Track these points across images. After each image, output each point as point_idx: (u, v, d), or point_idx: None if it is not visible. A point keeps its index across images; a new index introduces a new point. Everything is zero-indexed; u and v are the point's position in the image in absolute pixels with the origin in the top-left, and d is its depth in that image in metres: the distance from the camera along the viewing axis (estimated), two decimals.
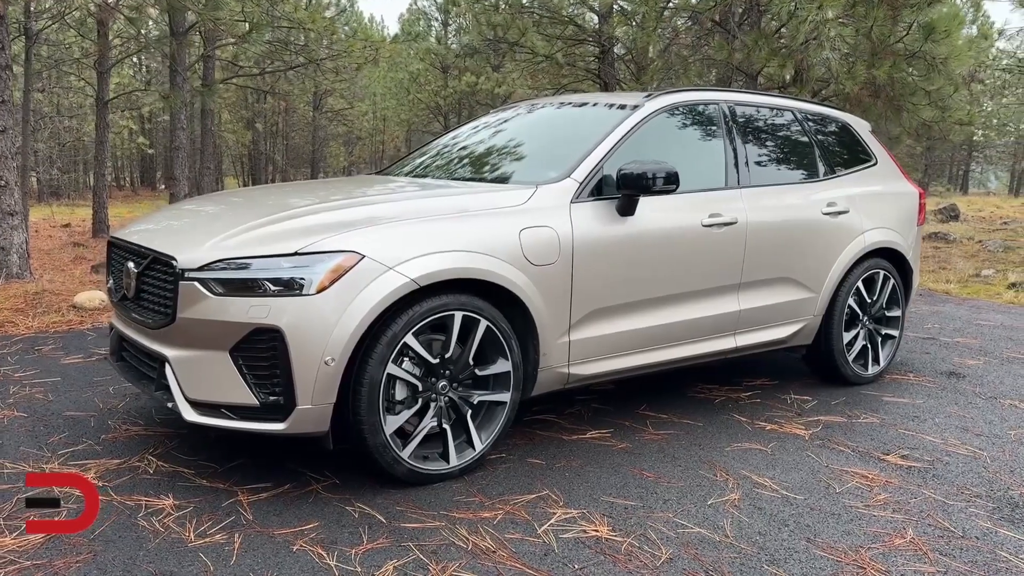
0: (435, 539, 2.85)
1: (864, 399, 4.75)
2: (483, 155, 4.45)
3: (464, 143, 4.71)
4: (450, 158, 4.57)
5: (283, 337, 2.97)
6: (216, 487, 3.24)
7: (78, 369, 4.95)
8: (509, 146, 4.47)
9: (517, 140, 4.51)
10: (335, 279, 3.02)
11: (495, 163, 4.29)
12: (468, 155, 4.53)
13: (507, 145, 4.48)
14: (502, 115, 4.90)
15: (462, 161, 4.46)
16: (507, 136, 4.57)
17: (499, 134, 4.63)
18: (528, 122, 4.67)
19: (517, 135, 4.56)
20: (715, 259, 4.18)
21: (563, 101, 4.77)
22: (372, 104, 41.13)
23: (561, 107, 4.68)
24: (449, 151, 4.69)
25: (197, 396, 3.11)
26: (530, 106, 4.88)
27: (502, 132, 4.64)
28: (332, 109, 38.39)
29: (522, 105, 4.98)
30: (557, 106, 4.71)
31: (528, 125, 4.64)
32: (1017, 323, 7.40)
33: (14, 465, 3.43)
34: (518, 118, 4.75)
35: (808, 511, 3.18)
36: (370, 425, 3.11)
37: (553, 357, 3.64)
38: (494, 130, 4.70)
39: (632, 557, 2.76)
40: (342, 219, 3.24)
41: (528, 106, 4.90)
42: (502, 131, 4.65)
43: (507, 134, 4.59)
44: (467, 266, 3.28)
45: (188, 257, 3.09)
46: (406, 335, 3.15)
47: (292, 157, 37.68)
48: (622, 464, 3.59)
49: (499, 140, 4.56)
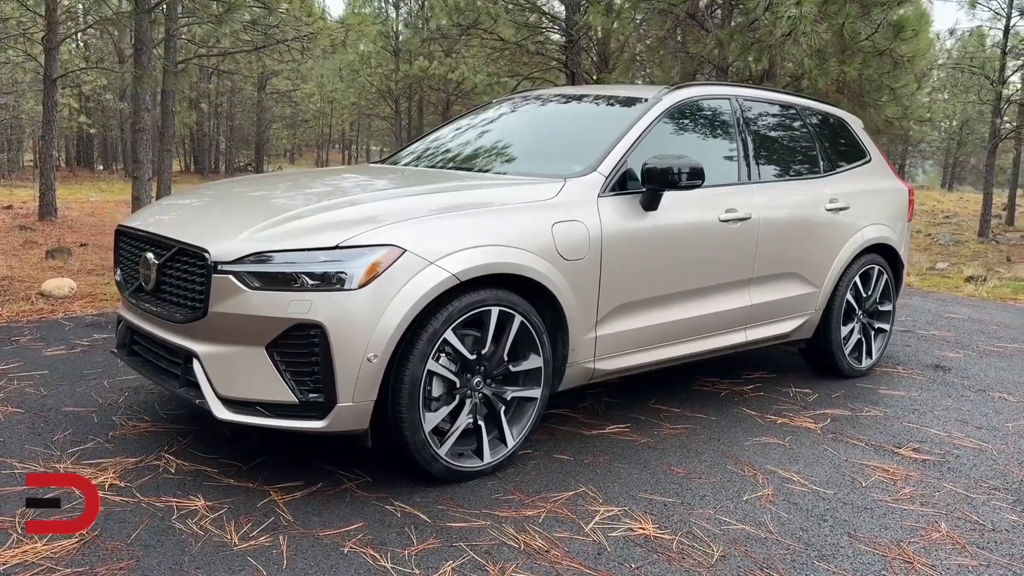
0: (485, 539, 2.81)
1: (862, 392, 4.84)
2: (502, 147, 4.38)
3: (478, 134, 4.63)
4: (467, 149, 4.49)
5: (325, 333, 2.88)
6: (245, 486, 3.14)
7: (64, 361, 4.75)
8: (527, 138, 4.41)
9: (534, 132, 4.46)
10: (377, 274, 2.94)
11: (516, 155, 4.23)
12: (486, 146, 4.45)
13: (525, 137, 4.43)
14: (512, 105, 4.83)
15: (481, 152, 4.38)
16: (522, 127, 4.52)
17: (513, 125, 4.58)
18: (542, 113, 4.61)
19: (533, 126, 4.51)
20: (731, 254, 4.20)
21: (575, 93, 4.73)
22: (319, 86, 40.41)
23: (574, 99, 4.63)
24: (463, 141, 4.60)
25: (230, 393, 3.00)
26: (541, 96, 4.82)
27: (516, 123, 4.58)
28: (277, 90, 37.62)
29: (532, 95, 4.92)
30: (569, 97, 4.66)
31: (543, 116, 4.59)
32: (983, 316, 7.64)
33: (24, 465, 3.26)
34: (530, 109, 4.69)
35: (841, 506, 3.22)
36: (410, 422, 3.04)
37: (580, 352, 3.62)
38: (507, 121, 4.64)
39: (685, 555, 2.76)
40: (380, 211, 3.16)
41: (538, 97, 4.84)
42: (516, 122, 4.60)
43: (522, 125, 4.54)
44: (506, 261, 3.23)
45: (222, 249, 2.97)
46: (446, 331, 3.08)
47: (236, 139, 36.81)
48: (649, 460, 3.59)
49: (515, 131, 4.51)
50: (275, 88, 37.29)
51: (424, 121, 36.93)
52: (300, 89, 39.21)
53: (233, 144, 34.77)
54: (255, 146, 37.42)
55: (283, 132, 43.17)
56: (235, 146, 35.69)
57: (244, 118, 36.92)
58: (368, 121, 44.91)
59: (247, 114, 36.87)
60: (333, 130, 48.66)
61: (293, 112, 39.79)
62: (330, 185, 3.89)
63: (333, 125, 46.03)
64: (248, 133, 37.62)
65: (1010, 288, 9.57)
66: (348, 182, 3.97)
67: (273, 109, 38.46)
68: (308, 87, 40.17)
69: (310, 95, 41.14)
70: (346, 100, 40.05)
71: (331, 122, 44.96)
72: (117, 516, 2.86)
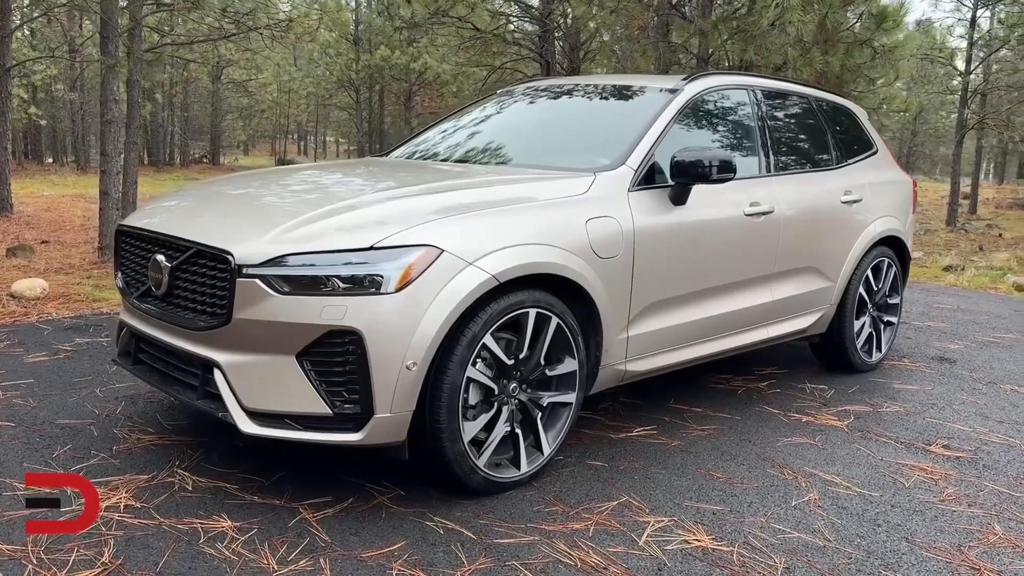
0: (537, 556, 2.65)
1: (877, 387, 4.78)
2: (521, 139, 4.20)
3: (492, 126, 4.45)
4: (483, 141, 4.30)
5: (362, 340, 2.69)
6: (271, 503, 2.94)
7: (48, 369, 4.47)
8: (545, 130, 4.25)
9: (552, 123, 4.29)
10: (415, 276, 2.75)
11: (537, 148, 4.05)
12: (503, 139, 4.26)
13: (543, 128, 4.26)
14: (522, 96, 4.64)
15: (499, 145, 4.20)
16: (538, 119, 4.35)
17: (528, 116, 4.41)
18: (557, 104, 4.44)
19: (549, 118, 4.34)
20: (755, 249, 4.09)
21: (588, 82, 4.56)
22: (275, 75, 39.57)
23: (587, 88, 4.47)
24: (476, 133, 4.41)
25: (257, 406, 2.79)
26: (551, 86, 4.64)
27: (530, 114, 4.41)
28: (233, 80, 36.78)
29: (541, 85, 4.74)
30: (582, 87, 4.49)
31: (558, 107, 4.41)
32: (971, 306, 7.68)
33: (26, 487, 3.02)
34: (543, 99, 4.51)
35: (890, 509, 3.13)
36: (450, 433, 2.87)
37: (612, 354, 3.47)
38: (520, 112, 4.47)
39: (749, 569, 2.64)
40: (412, 209, 2.97)
41: (548, 87, 4.66)
42: (530, 113, 4.43)
43: (537, 116, 4.37)
44: (545, 260, 3.06)
45: (247, 251, 2.76)
46: (485, 335, 2.91)
47: (191, 130, 35.92)
48: (686, 464, 3.47)
49: (530, 123, 4.34)
50: (230, 78, 36.45)
51: (384, 112, 36.46)
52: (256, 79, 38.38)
53: (189, 135, 33.88)
54: (211, 137, 36.57)
55: (237, 123, 42.20)
56: (191, 137, 34.79)
57: (199, 109, 36.02)
58: (327, 111, 44.18)
59: (202, 105, 35.98)
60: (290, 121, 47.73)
61: (250, 103, 38.94)
62: (347, 181, 3.69)
63: (290, 116, 45.15)
64: (203, 124, 36.72)
65: (988, 277, 9.67)
66: (364, 178, 3.76)
67: (230, 99, 37.61)
68: (264, 76, 39.33)
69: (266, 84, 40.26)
70: (304, 90, 39.32)
71: (288, 112, 44.08)
72: (139, 541, 2.64)
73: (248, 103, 38.82)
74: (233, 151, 48.08)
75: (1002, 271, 10.12)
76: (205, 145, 38.66)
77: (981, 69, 19.13)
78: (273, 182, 3.65)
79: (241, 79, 36.27)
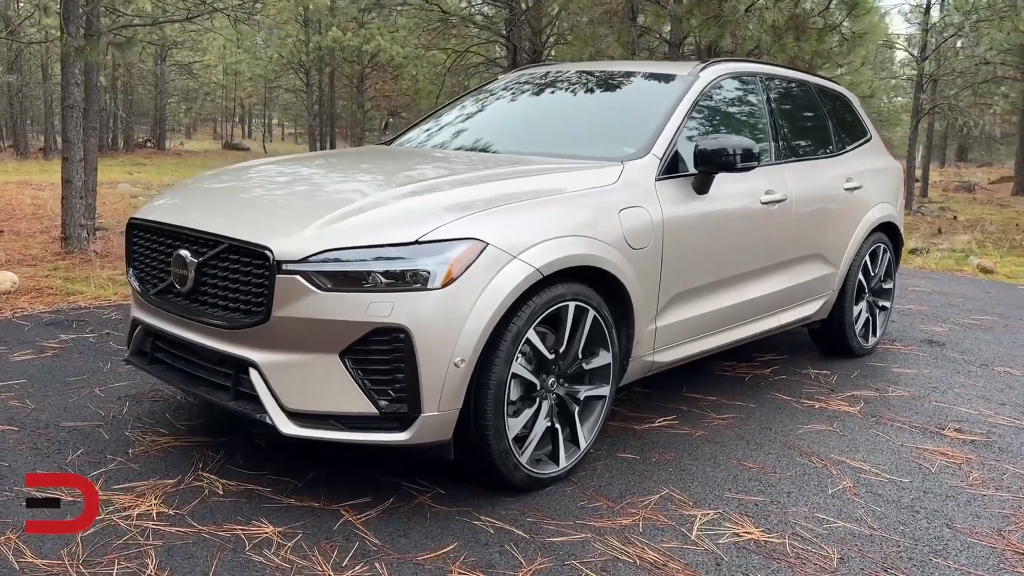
0: (594, 554, 2.61)
1: (876, 371, 4.85)
2: (538, 126, 4.13)
3: (505, 113, 4.36)
4: (499, 129, 4.21)
5: (409, 337, 2.61)
6: (310, 506, 2.85)
7: (39, 368, 4.27)
8: (563, 116, 4.17)
9: (569, 109, 4.22)
10: (461, 270, 2.68)
11: (557, 136, 3.98)
12: (520, 127, 4.18)
13: (560, 115, 4.19)
14: (531, 82, 4.55)
15: (517, 133, 4.11)
16: (554, 105, 4.27)
17: (543, 102, 4.33)
18: (569, 91, 4.35)
19: (566, 104, 4.26)
20: (770, 237, 4.10)
21: (596, 69, 4.50)
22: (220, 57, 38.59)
23: (597, 75, 4.40)
24: (490, 121, 4.32)
25: (299, 406, 2.69)
26: (560, 72, 4.56)
27: (545, 100, 4.33)
28: (177, 62, 35.77)
29: (549, 71, 4.65)
30: (592, 74, 4.42)
31: (571, 94, 4.33)
32: (944, 288, 7.86)
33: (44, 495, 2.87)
34: (554, 86, 4.43)
35: (923, 495, 3.17)
36: (495, 430, 2.81)
37: (642, 346, 3.44)
38: (534, 98, 4.39)
39: (805, 561, 2.64)
40: (452, 201, 2.88)
41: (557, 72, 4.57)
42: (545, 99, 4.35)
43: (554, 103, 4.29)
44: (585, 252, 3.01)
45: (286, 246, 2.65)
46: (528, 330, 2.85)
47: (134, 114, 34.86)
48: (716, 455, 3.46)
49: (547, 109, 4.26)
50: (174, 59, 35.43)
51: (335, 95, 35.86)
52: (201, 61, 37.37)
53: (132, 119, 32.87)
54: (156, 121, 35.56)
55: (181, 106, 41.11)
56: (135, 121, 33.77)
57: (143, 92, 34.97)
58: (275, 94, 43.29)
59: (147, 87, 34.94)
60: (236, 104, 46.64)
61: (196, 86, 37.92)
62: (373, 171, 3.57)
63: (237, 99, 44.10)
64: (147, 108, 35.67)
65: (953, 259, 9.92)
66: (391, 168, 3.64)
67: (175, 82, 36.58)
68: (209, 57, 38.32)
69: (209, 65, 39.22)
70: (251, 71, 38.45)
71: (235, 95, 43.06)
72: (181, 550, 2.53)
73: (195, 86, 37.78)
74: (176, 135, 46.83)
75: (964, 253, 10.39)
76: (148, 129, 37.59)
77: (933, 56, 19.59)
78: (293, 172, 3.52)
79: (186, 61, 35.30)
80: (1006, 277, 9.03)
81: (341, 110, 36.83)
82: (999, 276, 9.06)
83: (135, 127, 34.85)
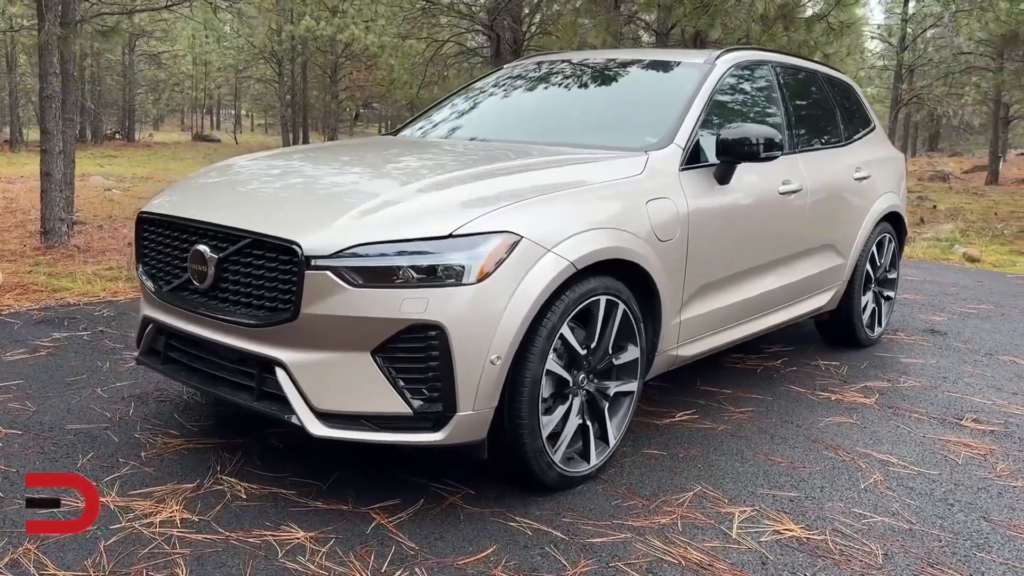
0: (637, 555, 2.55)
1: (884, 361, 4.83)
2: (555, 115, 4.03)
3: (518, 102, 4.26)
4: (515, 119, 4.11)
5: (445, 334, 2.52)
6: (338, 509, 2.75)
7: (34, 367, 4.12)
8: (581, 105, 4.08)
9: (586, 98, 4.12)
10: (496, 264, 2.59)
11: (576, 125, 3.89)
12: (537, 116, 4.09)
13: (577, 104, 4.09)
14: (542, 69, 4.45)
15: (534, 123, 4.02)
16: (570, 94, 4.18)
17: (558, 91, 4.23)
18: (585, 78, 4.26)
19: (581, 93, 4.17)
20: (788, 228, 4.06)
21: (610, 57, 4.41)
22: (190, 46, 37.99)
23: (612, 63, 4.32)
24: (506, 109, 4.22)
25: (328, 407, 2.59)
26: (572, 61, 4.45)
27: (560, 89, 4.24)
28: (145, 51, 35.13)
29: (560, 57, 4.56)
30: (606, 62, 4.34)
31: (587, 82, 4.24)
32: (935, 278, 7.89)
33: (66, 502, 2.75)
34: (568, 73, 4.33)
35: (955, 487, 3.14)
36: (530, 429, 2.73)
37: (667, 339, 3.38)
38: (547, 86, 4.29)
39: (849, 557, 2.59)
40: (483, 193, 2.79)
41: (570, 60, 4.47)
42: (559, 87, 4.25)
43: (569, 91, 4.20)
44: (617, 245, 2.94)
45: (315, 241, 2.54)
46: (562, 325, 2.77)
47: (102, 105, 34.16)
48: (742, 450, 3.41)
49: (563, 98, 4.16)
50: (142, 49, 34.79)
51: (308, 85, 35.44)
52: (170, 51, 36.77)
53: (101, 110, 32.21)
54: (124, 112, 34.88)
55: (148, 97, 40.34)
56: (103, 112, 33.10)
57: (112, 82, 34.28)
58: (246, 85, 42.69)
59: (115, 78, 34.25)
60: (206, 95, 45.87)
61: (165, 76, 37.25)
62: (396, 162, 3.47)
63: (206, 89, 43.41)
64: (116, 98, 34.98)
65: (939, 248, 9.98)
66: (414, 159, 3.53)
67: (145, 72, 35.91)
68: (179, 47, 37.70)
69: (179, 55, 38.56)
70: (222, 61, 37.92)
71: (204, 86, 42.39)
72: (211, 559, 2.43)
73: (163, 76, 37.12)
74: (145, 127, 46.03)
75: (949, 242, 10.46)
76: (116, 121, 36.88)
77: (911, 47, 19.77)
78: (308, 164, 3.41)
79: (155, 51, 34.69)
80: (992, 266, 9.10)
81: (315, 100, 36.40)
82: (985, 265, 9.13)
83: (105, 119, 34.18)
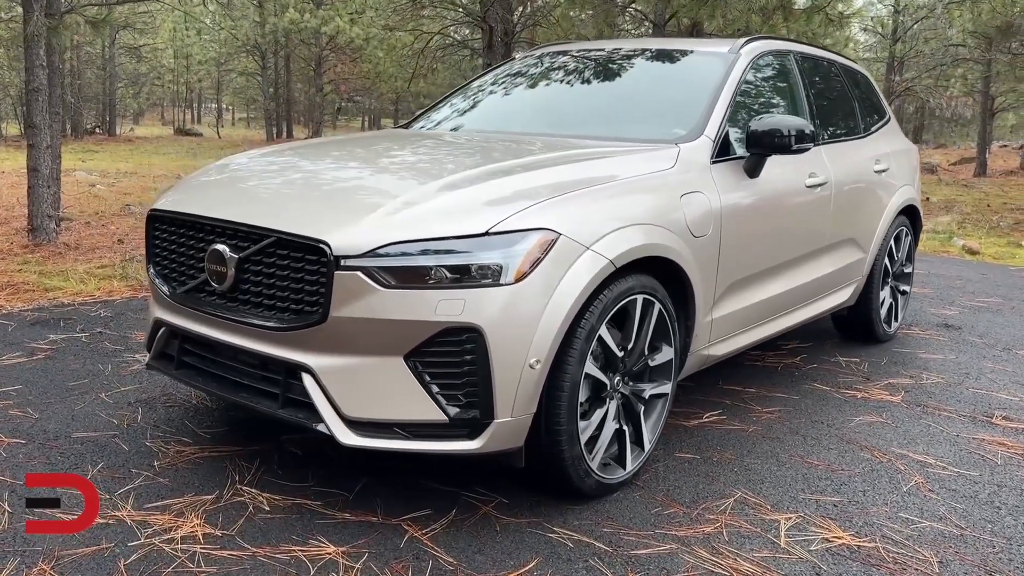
0: (685, 568, 2.43)
1: (904, 357, 4.75)
2: (578, 106, 3.89)
3: (539, 94, 4.13)
4: (539, 109, 3.98)
5: (482, 337, 2.39)
6: (367, 520, 2.62)
7: (34, 372, 3.95)
8: (603, 96, 3.95)
9: (609, 89, 3.99)
10: (535, 263, 2.46)
11: (602, 116, 3.75)
12: (560, 107, 3.95)
13: (601, 95, 3.96)
14: (558, 60, 4.31)
15: (559, 114, 3.88)
16: (592, 84, 4.04)
17: (579, 81, 4.09)
18: (607, 68, 4.12)
19: (604, 83, 4.04)
20: (814, 222, 3.96)
21: (633, 46, 4.28)
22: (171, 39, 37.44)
23: (634, 52, 4.18)
24: (525, 100, 4.09)
25: (359, 414, 2.46)
26: (590, 50, 4.32)
27: (581, 79, 4.10)
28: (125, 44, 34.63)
29: (577, 47, 4.43)
30: (626, 52, 4.21)
31: (609, 72, 4.10)
32: (939, 271, 7.84)
33: None
34: (588, 63, 4.19)
35: (998, 489, 3.05)
36: (568, 435, 2.61)
37: (699, 339, 3.26)
38: (567, 77, 4.15)
39: (904, 567, 2.49)
40: (518, 189, 2.66)
41: (587, 49, 4.34)
42: (580, 78, 4.11)
43: (591, 82, 4.06)
44: (655, 242, 2.82)
45: (345, 239, 2.40)
46: (600, 326, 2.65)
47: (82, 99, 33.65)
48: (777, 453, 3.30)
49: (585, 89, 4.02)
50: (122, 42, 34.28)
51: (292, 78, 35.11)
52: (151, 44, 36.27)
53: (81, 104, 31.69)
54: (105, 106, 34.37)
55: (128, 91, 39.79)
56: (83, 106, 32.57)
57: (91, 76, 33.77)
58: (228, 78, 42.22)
59: (95, 71, 33.74)
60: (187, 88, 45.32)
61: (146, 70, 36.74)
62: (420, 156, 3.33)
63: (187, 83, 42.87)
64: (96, 92, 34.46)
65: (937, 240, 9.94)
66: (439, 153, 3.39)
67: (126, 66, 35.39)
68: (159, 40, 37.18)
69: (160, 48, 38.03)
70: (204, 55, 37.47)
71: (185, 79, 41.87)
72: None
73: (145, 70, 36.61)
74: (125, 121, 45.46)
75: (947, 234, 10.43)
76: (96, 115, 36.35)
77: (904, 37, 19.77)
78: (326, 160, 3.26)
79: (135, 43, 34.21)
80: (992, 258, 9.06)
81: (299, 94, 36.09)
82: (985, 257, 9.09)
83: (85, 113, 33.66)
